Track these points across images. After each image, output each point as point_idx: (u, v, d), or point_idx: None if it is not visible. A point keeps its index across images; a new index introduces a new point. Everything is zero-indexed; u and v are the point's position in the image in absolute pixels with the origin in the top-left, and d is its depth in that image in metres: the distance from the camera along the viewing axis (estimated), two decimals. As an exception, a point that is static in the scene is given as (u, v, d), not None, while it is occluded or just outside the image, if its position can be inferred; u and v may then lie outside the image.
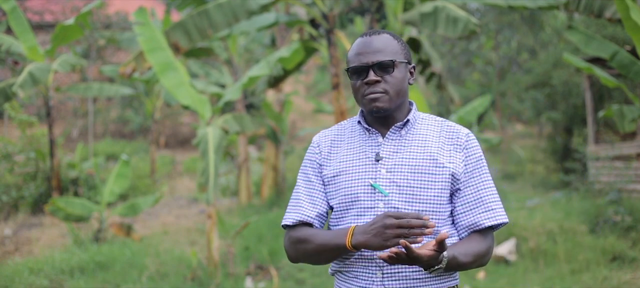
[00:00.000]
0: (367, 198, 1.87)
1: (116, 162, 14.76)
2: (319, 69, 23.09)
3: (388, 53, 1.89)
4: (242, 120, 7.38)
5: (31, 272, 6.83)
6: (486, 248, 1.88)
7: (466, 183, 1.90)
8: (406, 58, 1.94)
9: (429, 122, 1.98)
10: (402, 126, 1.93)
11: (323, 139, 2.04)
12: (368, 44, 1.91)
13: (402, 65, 1.92)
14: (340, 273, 1.94)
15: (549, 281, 6.25)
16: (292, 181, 13.49)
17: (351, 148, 1.96)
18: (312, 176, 1.99)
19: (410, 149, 1.90)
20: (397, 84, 1.89)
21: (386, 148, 1.91)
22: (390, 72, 1.88)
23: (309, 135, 18.63)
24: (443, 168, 1.87)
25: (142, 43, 6.28)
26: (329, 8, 7.65)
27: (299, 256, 1.94)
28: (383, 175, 1.87)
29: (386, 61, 1.88)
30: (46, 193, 10.73)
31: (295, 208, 1.97)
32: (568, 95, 12.71)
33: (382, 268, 1.84)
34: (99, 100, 18.87)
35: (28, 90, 8.57)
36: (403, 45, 1.96)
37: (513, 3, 6.74)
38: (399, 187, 1.86)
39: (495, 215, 1.89)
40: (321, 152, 2.01)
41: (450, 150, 1.90)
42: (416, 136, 1.93)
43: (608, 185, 9.35)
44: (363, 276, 1.86)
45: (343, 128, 2.05)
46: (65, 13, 16.28)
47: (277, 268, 7.18)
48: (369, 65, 1.88)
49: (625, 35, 9.75)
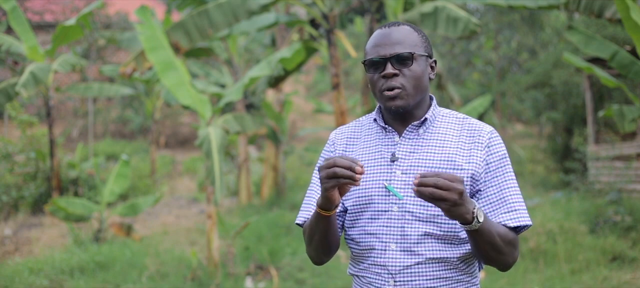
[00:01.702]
0: (381, 200, 1.80)
1: (116, 162, 14.76)
2: (319, 69, 23.09)
3: (407, 45, 1.80)
4: (242, 120, 7.38)
5: (31, 272, 6.83)
6: (513, 237, 1.77)
7: (488, 183, 1.81)
8: (426, 51, 1.85)
9: (450, 119, 1.88)
10: (419, 124, 1.84)
11: (339, 136, 1.97)
12: (386, 35, 1.82)
13: (421, 59, 1.82)
14: (356, 278, 1.91)
15: (549, 281, 6.25)
16: (292, 181, 13.49)
17: (367, 148, 1.89)
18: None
19: (428, 150, 1.82)
20: (415, 78, 1.80)
21: (402, 148, 1.83)
22: (408, 66, 1.79)
23: (309, 135, 18.64)
24: (461, 170, 1.78)
25: (143, 41, 6.26)
26: (329, 8, 7.65)
27: (312, 251, 1.89)
28: (398, 177, 1.80)
29: (404, 53, 1.79)
30: (46, 193, 10.73)
31: (306, 207, 1.95)
32: (568, 95, 12.71)
33: (394, 276, 1.79)
34: (99, 100, 18.87)
35: (30, 90, 8.57)
36: (424, 37, 1.86)
37: (513, 3, 6.74)
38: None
39: (519, 216, 1.78)
40: (336, 150, 1.95)
41: (470, 149, 1.81)
42: (434, 135, 1.84)
43: (608, 185, 9.35)
44: (376, 282, 1.82)
45: (360, 125, 1.97)
46: (65, 13, 16.28)
47: (277, 268, 7.18)
48: (386, 58, 1.79)
49: (625, 35, 9.75)
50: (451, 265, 1.79)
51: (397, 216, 1.78)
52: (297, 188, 13.21)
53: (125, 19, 16.78)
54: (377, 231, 1.80)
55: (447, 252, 1.77)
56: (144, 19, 6.32)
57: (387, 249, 1.79)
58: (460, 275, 1.82)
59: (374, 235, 1.80)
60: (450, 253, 1.78)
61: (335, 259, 7.65)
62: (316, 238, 1.83)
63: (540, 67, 13.97)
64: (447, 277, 1.79)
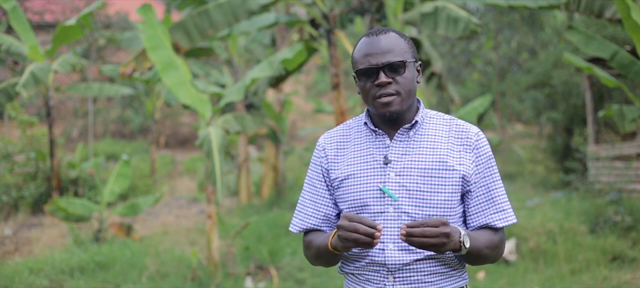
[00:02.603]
0: (377, 203, 1.84)
1: (116, 162, 14.76)
2: (319, 69, 23.08)
3: (397, 53, 1.84)
4: (242, 120, 7.38)
5: (31, 272, 6.83)
6: (499, 240, 1.89)
7: (478, 184, 1.88)
8: (413, 57, 1.89)
9: (438, 121, 1.93)
10: (410, 127, 1.89)
11: (328, 141, 1.99)
12: (376, 44, 1.85)
13: (410, 64, 1.87)
14: (352, 276, 1.93)
15: (549, 281, 6.25)
16: (292, 181, 13.49)
17: (358, 151, 1.91)
18: (316, 181, 1.97)
19: (419, 151, 1.86)
20: (408, 84, 1.85)
21: (394, 150, 1.87)
22: (401, 73, 1.83)
23: (309, 135, 18.63)
24: (453, 171, 1.84)
25: (145, 40, 6.23)
26: (329, 8, 7.65)
27: (311, 260, 1.98)
28: (392, 179, 1.83)
29: (397, 62, 1.83)
30: (46, 193, 10.73)
31: (300, 215, 1.99)
32: (568, 95, 12.70)
33: (393, 273, 1.83)
34: (99, 100, 18.86)
35: (30, 90, 8.57)
36: (409, 43, 1.90)
37: (514, 3, 6.74)
38: (408, 191, 1.82)
39: (507, 216, 1.89)
40: (327, 155, 1.96)
41: (460, 151, 1.87)
42: (425, 137, 1.88)
43: (608, 185, 9.35)
44: (374, 279, 1.86)
45: (349, 128, 1.99)
46: (65, 13, 16.27)
47: (277, 268, 7.18)
48: (379, 67, 1.82)
49: (626, 35, 9.75)
50: (445, 261, 1.86)
51: (394, 217, 1.83)
52: (297, 188, 13.21)
53: (125, 19, 16.77)
54: None
55: None
56: (146, 18, 6.28)
57: (386, 249, 1.83)
58: (453, 270, 1.89)
59: None
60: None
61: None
62: (322, 260, 1.93)
63: (540, 67, 13.97)
64: (442, 272, 1.86)
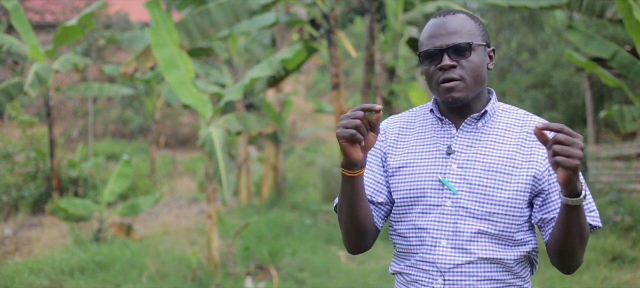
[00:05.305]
0: (434, 194, 1.71)
1: (116, 162, 14.77)
2: (319, 69, 23.09)
3: (464, 35, 1.69)
4: (245, 120, 7.36)
5: (31, 272, 6.82)
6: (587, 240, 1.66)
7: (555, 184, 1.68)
8: (484, 40, 1.73)
9: (511, 114, 1.76)
10: (478, 117, 1.74)
11: (391, 125, 1.86)
12: (442, 24, 1.71)
13: (480, 49, 1.71)
14: (400, 275, 1.80)
15: (549, 281, 6.25)
16: (292, 181, 13.49)
17: (421, 139, 1.79)
18: (374, 165, 1.83)
19: (486, 144, 1.71)
20: (474, 69, 1.69)
21: (459, 141, 1.73)
22: (466, 56, 1.68)
23: (309, 135, 18.64)
24: (521, 168, 1.67)
25: (150, 36, 6.17)
26: (329, 8, 7.65)
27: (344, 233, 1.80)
28: (453, 170, 1.70)
29: (462, 44, 1.68)
30: (46, 193, 10.73)
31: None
32: (568, 95, 12.71)
33: (443, 274, 1.69)
34: (99, 100, 18.87)
35: (36, 90, 8.58)
36: (481, 26, 1.75)
37: (514, 3, 6.74)
38: (469, 185, 1.68)
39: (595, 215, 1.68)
40: (387, 139, 1.84)
41: (531, 147, 1.70)
42: (494, 130, 1.73)
43: (608, 185, 9.35)
44: (423, 280, 1.72)
45: (414, 115, 1.86)
46: (65, 13, 16.28)
47: (277, 268, 7.18)
48: (443, 49, 1.69)
49: (626, 35, 9.76)
50: (504, 267, 1.69)
51: (450, 211, 1.69)
52: (297, 188, 13.21)
53: (126, 19, 16.78)
54: (428, 226, 1.71)
55: (501, 253, 1.68)
56: (154, 14, 6.19)
57: (438, 246, 1.69)
58: (513, 278, 1.72)
59: (425, 230, 1.71)
60: (504, 254, 1.68)
61: (335, 259, 7.65)
62: (344, 211, 1.73)
63: (540, 67, 13.98)
64: (499, 279, 1.69)
